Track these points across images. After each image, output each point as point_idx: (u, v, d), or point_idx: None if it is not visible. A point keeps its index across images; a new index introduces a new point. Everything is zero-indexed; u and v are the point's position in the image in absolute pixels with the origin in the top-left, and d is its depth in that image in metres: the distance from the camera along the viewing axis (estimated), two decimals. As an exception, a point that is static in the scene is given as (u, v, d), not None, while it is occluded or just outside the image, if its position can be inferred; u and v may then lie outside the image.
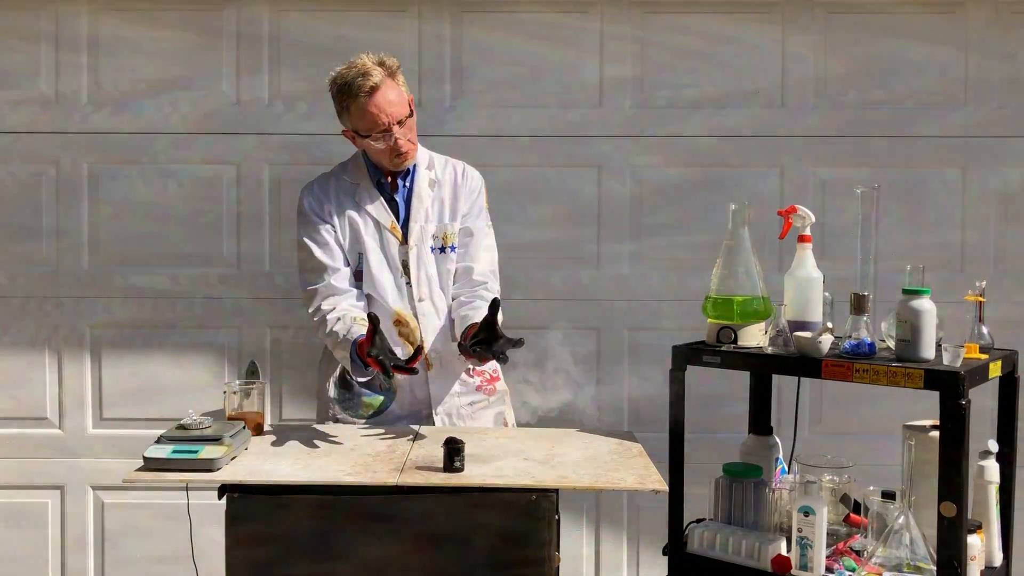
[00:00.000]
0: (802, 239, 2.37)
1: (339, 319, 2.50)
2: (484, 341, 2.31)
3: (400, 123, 2.53)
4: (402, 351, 2.59)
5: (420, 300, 2.61)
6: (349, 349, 2.42)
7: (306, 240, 2.62)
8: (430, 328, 2.62)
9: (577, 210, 3.35)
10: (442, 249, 2.66)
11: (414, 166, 2.67)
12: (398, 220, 2.64)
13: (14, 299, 3.33)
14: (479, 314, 2.46)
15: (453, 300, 2.67)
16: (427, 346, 2.61)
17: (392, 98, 2.52)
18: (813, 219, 2.39)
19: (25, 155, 3.31)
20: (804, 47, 3.34)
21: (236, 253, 3.34)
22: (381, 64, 2.53)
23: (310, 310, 2.59)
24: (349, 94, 2.51)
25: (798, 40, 3.34)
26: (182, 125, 3.31)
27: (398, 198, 2.66)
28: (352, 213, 2.63)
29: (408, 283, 2.62)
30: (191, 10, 3.30)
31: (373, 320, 2.28)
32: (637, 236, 3.36)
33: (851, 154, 3.33)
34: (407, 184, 2.67)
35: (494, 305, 2.32)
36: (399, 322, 2.58)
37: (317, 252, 2.60)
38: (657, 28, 3.33)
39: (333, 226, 2.62)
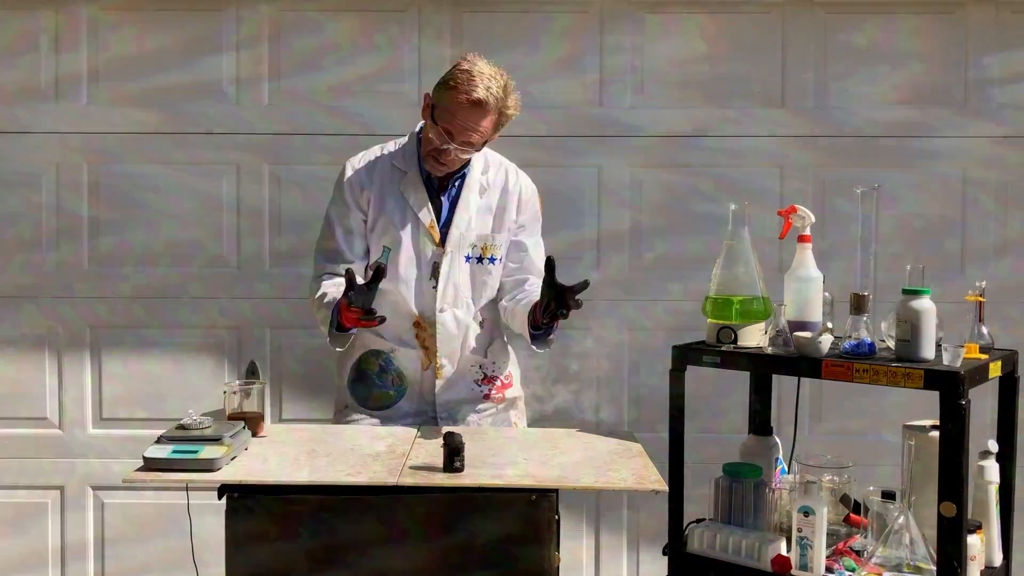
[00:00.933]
0: (802, 239, 2.37)
1: (335, 285, 2.50)
2: (553, 298, 2.28)
3: (464, 145, 2.44)
4: (416, 353, 2.58)
5: (441, 311, 2.56)
6: (332, 309, 2.42)
7: (334, 221, 2.57)
8: (446, 338, 2.57)
9: (577, 210, 3.35)
10: (480, 259, 2.59)
11: (468, 167, 2.58)
12: (438, 221, 2.57)
13: (14, 299, 3.33)
14: (535, 292, 2.44)
15: (504, 306, 2.63)
16: (440, 357, 2.58)
17: (481, 125, 2.42)
18: (813, 219, 2.38)
19: (25, 155, 3.31)
20: (804, 47, 3.34)
21: (236, 253, 3.34)
22: (505, 97, 2.42)
23: (312, 281, 2.59)
24: (460, 85, 2.40)
25: (798, 40, 3.34)
26: (182, 125, 3.31)
27: (444, 198, 2.58)
28: (392, 202, 2.55)
29: (435, 287, 2.56)
30: (191, 10, 3.30)
31: (349, 275, 2.25)
32: (637, 236, 3.36)
33: (851, 154, 3.33)
34: (455, 186, 2.58)
35: (549, 263, 2.28)
36: (418, 324, 2.57)
37: (340, 238, 2.56)
38: (657, 28, 3.34)
39: (365, 215, 2.56)
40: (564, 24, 3.33)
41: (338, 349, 2.56)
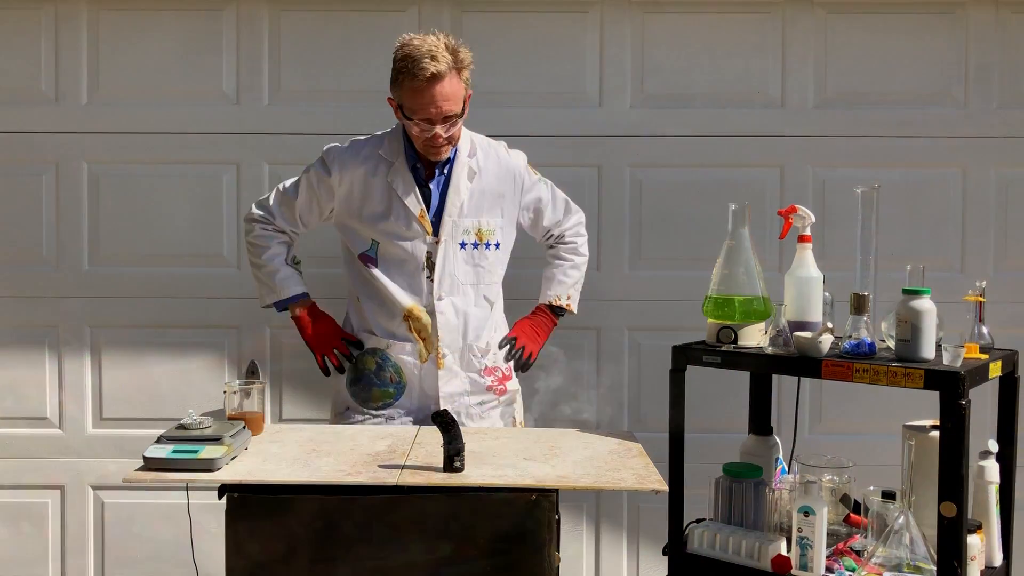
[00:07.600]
0: (802, 239, 2.37)
1: (284, 264, 2.64)
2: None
3: (447, 119, 2.43)
4: (412, 347, 2.58)
5: (439, 299, 2.57)
6: (278, 288, 2.62)
7: (303, 191, 2.62)
8: (446, 327, 2.58)
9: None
10: (475, 245, 2.59)
11: (454, 153, 2.56)
12: (429, 210, 2.56)
13: (14, 299, 3.33)
14: (555, 285, 2.78)
15: (549, 255, 2.81)
16: (441, 344, 2.58)
17: (448, 93, 2.39)
18: (813, 219, 2.39)
19: (25, 155, 3.31)
20: (804, 47, 3.34)
21: (236, 253, 3.34)
22: (454, 53, 2.40)
23: (253, 221, 2.66)
24: (409, 72, 2.38)
25: (798, 40, 3.34)
26: (182, 125, 3.31)
27: (432, 186, 2.56)
28: (379, 192, 2.55)
29: (430, 278, 2.57)
30: (191, 10, 3.31)
31: (358, 346, 2.60)
32: (637, 236, 3.36)
33: (851, 154, 3.33)
34: (444, 173, 2.57)
35: (509, 345, 2.68)
36: (410, 316, 2.57)
37: (300, 206, 2.62)
38: (657, 28, 3.34)
39: (334, 202, 2.59)
40: (564, 24, 3.33)
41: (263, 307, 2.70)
